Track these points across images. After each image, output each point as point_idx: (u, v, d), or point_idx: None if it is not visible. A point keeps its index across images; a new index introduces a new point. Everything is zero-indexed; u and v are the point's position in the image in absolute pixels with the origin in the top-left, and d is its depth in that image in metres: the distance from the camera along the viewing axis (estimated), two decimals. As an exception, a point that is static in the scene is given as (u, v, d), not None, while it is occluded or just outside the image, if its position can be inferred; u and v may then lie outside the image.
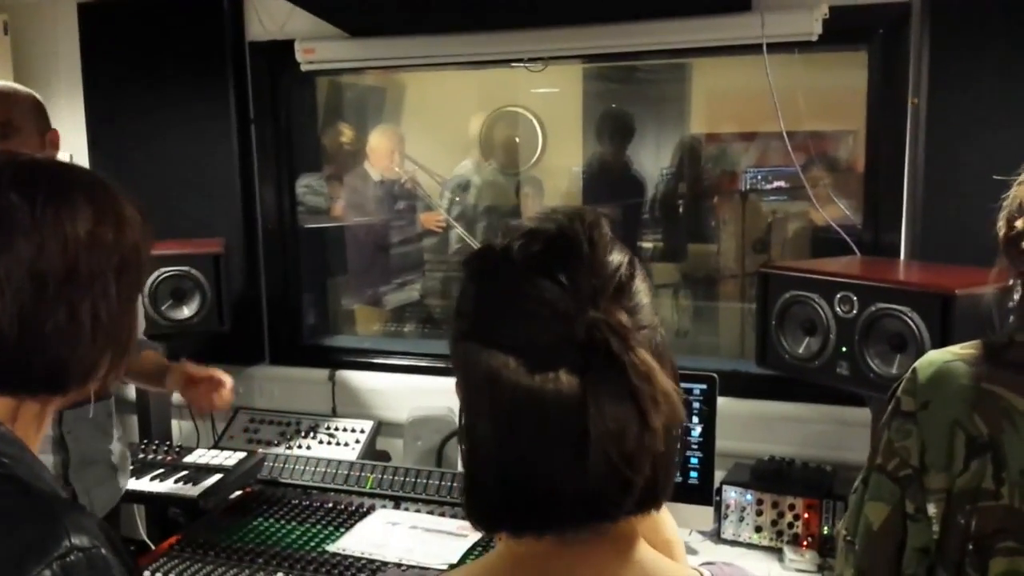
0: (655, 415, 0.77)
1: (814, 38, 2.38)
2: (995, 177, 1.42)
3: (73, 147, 3.19)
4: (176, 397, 3.10)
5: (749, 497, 2.30)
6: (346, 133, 4.02)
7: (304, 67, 2.87)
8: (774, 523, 2.26)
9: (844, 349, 2.01)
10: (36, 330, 0.97)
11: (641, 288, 0.83)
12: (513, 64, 2.86)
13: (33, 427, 1.06)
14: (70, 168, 1.09)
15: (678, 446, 0.86)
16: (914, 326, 1.87)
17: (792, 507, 2.25)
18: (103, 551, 0.93)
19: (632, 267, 0.83)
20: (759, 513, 2.28)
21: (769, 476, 2.35)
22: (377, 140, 4.26)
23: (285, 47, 2.88)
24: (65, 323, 0.99)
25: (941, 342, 1.83)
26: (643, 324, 0.81)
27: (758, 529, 2.28)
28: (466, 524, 2.27)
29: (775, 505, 2.27)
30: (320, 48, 2.83)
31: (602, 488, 0.77)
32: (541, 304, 0.78)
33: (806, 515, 2.23)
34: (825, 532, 2.20)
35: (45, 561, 0.88)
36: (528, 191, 4.78)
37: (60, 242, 0.98)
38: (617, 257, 0.83)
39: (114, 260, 1.03)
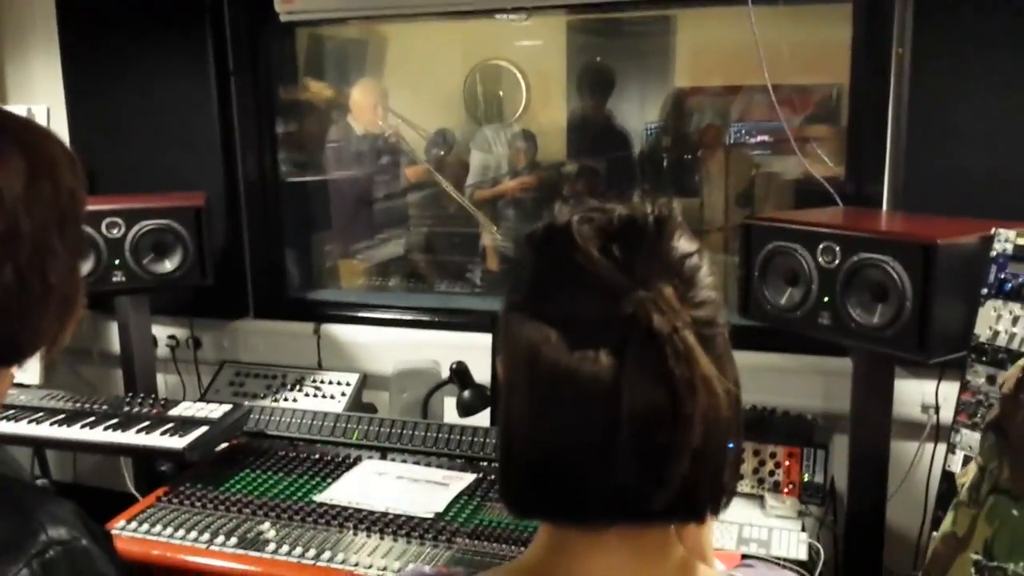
0: (689, 401, 0.71)
1: (800, -12, 2.37)
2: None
3: (50, 101, 3.15)
4: (162, 350, 3.11)
5: (731, 445, 2.32)
6: (313, 88, 3.92)
7: (283, 17, 2.82)
8: (755, 471, 2.29)
9: (826, 299, 2.02)
10: None
11: (707, 283, 0.78)
12: (496, 15, 2.83)
13: None
14: None
15: (731, 449, 0.80)
16: (896, 276, 1.87)
17: (773, 455, 2.28)
18: (83, 542, 0.85)
19: (700, 260, 0.79)
20: (741, 461, 2.31)
21: (751, 425, 2.37)
22: (360, 94, 4.21)
23: (264, -3, 2.84)
24: (14, 289, 0.88)
25: (923, 292, 1.84)
26: (702, 318, 0.75)
27: (740, 477, 2.31)
28: (451, 474, 2.30)
29: (756, 453, 2.30)
30: (299, -2, 2.79)
31: (632, 481, 0.73)
32: (590, 277, 0.74)
33: (787, 463, 2.26)
34: (805, 479, 2.24)
35: (22, 560, 0.80)
36: (520, 146, 4.71)
37: None
38: (685, 246, 0.78)
39: (55, 214, 0.92)
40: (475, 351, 2.58)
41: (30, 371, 2.88)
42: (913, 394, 2.37)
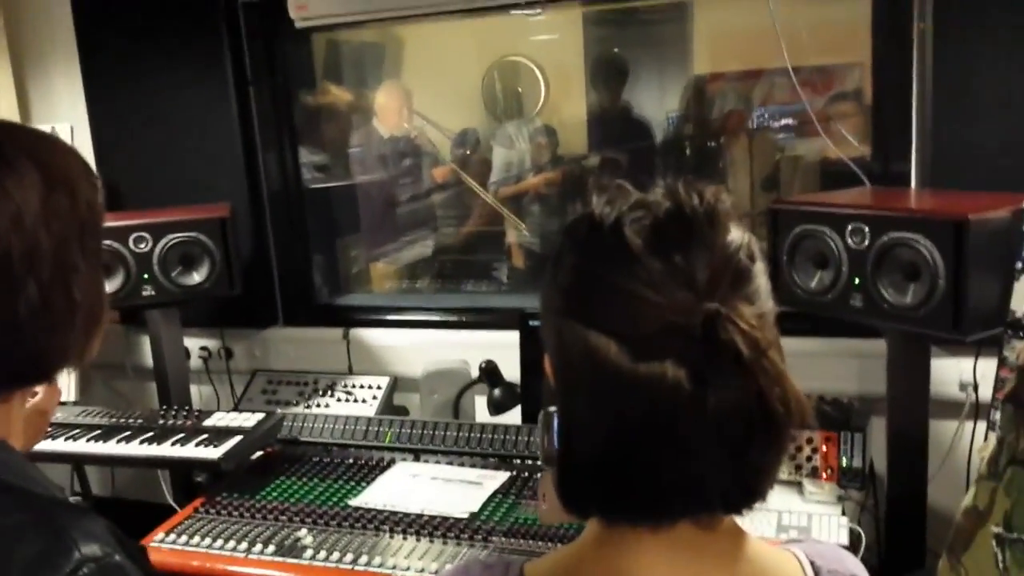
0: (785, 422, 0.72)
1: (817, -34, 2.33)
2: None
3: (73, 119, 3.18)
4: (194, 362, 3.13)
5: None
6: (333, 92, 3.90)
7: (298, 24, 2.82)
8: (792, 457, 2.26)
9: (857, 281, 1.99)
10: (9, 319, 0.86)
11: (760, 269, 0.77)
12: (512, 11, 2.81)
13: (16, 421, 0.95)
14: (2, 126, 0.94)
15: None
16: (927, 254, 1.84)
17: (810, 440, 2.25)
18: (116, 558, 0.84)
19: (752, 247, 0.77)
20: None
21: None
22: (385, 97, 4.21)
23: (278, 4, 2.82)
24: (39, 306, 0.87)
25: (955, 269, 1.81)
26: (763, 311, 0.75)
27: (777, 464, 2.28)
28: (485, 473, 2.29)
29: (793, 439, 2.25)
30: (313, 3, 2.78)
31: (723, 491, 0.74)
32: (651, 288, 0.71)
33: (824, 448, 2.23)
34: (844, 464, 2.21)
35: None
36: (542, 141, 4.68)
37: (12, 217, 0.85)
38: (737, 236, 0.75)
39: (75, 227, 0.91)
40: (503, 349, 2.57)
41: (65, 388, 2.91)
42: (950, 372, 2.33)
